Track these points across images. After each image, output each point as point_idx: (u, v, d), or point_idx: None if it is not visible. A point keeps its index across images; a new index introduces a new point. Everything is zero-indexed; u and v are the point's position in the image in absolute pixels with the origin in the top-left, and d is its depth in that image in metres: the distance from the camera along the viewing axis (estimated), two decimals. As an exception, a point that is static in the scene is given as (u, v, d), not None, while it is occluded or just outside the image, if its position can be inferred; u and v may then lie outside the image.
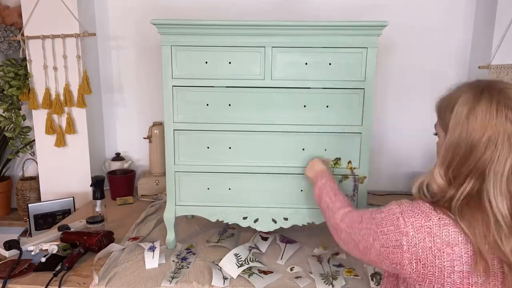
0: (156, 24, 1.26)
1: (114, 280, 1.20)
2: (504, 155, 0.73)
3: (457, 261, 0.75)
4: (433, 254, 0.76)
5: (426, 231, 0.77)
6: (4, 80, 1.89)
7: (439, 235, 0.76)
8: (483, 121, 0.75)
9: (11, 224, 2.06)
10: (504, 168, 0.73)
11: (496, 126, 0.74)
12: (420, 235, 0.77)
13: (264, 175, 1.36)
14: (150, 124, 2.05)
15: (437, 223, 0.77)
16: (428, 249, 0.77)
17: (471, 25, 1.95)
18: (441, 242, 0.76)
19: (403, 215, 0.81)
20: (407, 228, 0.79)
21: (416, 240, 0.78)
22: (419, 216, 0.79)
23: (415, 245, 0.78)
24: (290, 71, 1.30)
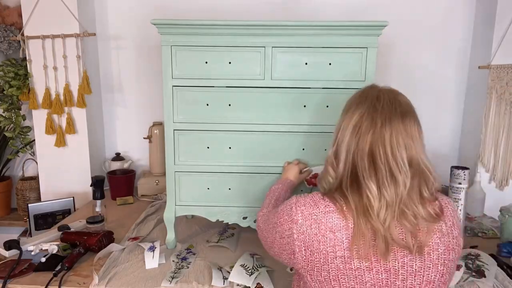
0: (156, 24, 1.26)
1: (114, 280, 1.20)
2: (365, 133, 0.84)
3: (338, 246, 0.81)
4: (318, 240, 0.82)
5: (313, 218, 0.84)
6: (4, 80, 1.89)
7: (324, 222, 0.83)
8: (354, 110, 0.88)
9: (11, 224, 2.06)
10: (365, 145, 0.84)
11: (361, 112, 0.87)
12: (308, 222, 0.84)
13: (264, 175, 1.36)
14: (150, 124, 2.05)
15: (323, 210, 0.84)
16: (314, 235, 0.82)
17: (471, 25, 1.95)
18: (325, 228, 0.82)
19: (296, 204, 0.88)
20: (297, 216, 0.86)
21: (304, 227, 0.84)
22: (308, 205, 0.86)
23: (303, 232, 0.84)
24: (290, 71, 1.30)
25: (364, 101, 0.88)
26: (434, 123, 2.06)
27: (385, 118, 0.84)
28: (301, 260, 0.84)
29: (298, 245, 0.84)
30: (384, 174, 0.82)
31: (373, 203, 0.81)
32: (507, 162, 1.81)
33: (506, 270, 1.23)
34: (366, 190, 0.82)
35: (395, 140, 0.83)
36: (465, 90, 2.01)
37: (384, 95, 0.89)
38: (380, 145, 0.83)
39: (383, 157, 0.82)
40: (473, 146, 1.90)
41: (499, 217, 1.50)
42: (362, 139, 0.84)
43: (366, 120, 0.85)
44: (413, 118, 0.90)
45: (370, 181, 0.82)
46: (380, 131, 0.83)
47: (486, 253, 1.32)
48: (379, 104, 0.86)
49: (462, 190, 1.39)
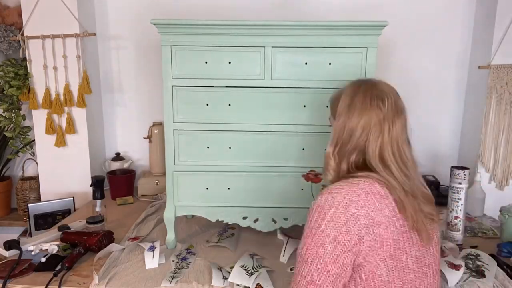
0: (156, 24, 1.26)
1: (114, 280, 1.20)
2: (375, 137, 0.89)
3: (390, 206, 0.85)
4: (379, 208, 0.83)
5: (363, 192, 0.84)
6: (4, 80, 1.89)
7: (374, 191, 0.85)
8: (360, 110, 0.91)
9: (11, 224, 2.06)
10: (376, 145, 0.89)
11: (369, 113, 0.90)
12: (361, 196, 0.83)
13: (264, 175, 1.36)
14: (150, 124, 2.05)
15: (364, 182, 0.86)
16: (374, 206, 0.82)
17: (471, 25, 1.95)
18: (379, 196, 0.84)
19: (332, 193, 0.85)
20: (347, 197, 0.83)
21: (361, 202, 0.82)
22: (346, 187, 0.85)
23: (362, 207, 0.82)
24: (290, 71, 1.30)
25: (370, 103, 0.91)
26: (434, 123, 2.06)
27: (392, 122, 0.90)
28: (370, 239, 0.81)
29: (364, 223, 0.81)
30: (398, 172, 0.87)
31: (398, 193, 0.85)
32: (507, 162, 1.81)
33: (506, 270, 1.23)
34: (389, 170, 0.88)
35: (400, 141, 0.90)
36: (465, 90, 2.01)
37: (385, 95, 0.92)
38: (390, 148, 0.89)
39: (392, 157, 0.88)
40: (473, 146, 1.90)
41: (499, 217, 1.50)
42: (372, 143, 0.89)
43: (375, 124, 0.90)
44: (405, 108, 0.95)
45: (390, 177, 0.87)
46: (389, 135, 0.89)
47: (486, 253, 1.32)
48: (384, 107, 0.90)
49: (462, 190, 1.39)
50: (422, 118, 2.05)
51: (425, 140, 2.07)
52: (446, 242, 1.40)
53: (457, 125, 2.06)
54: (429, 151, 2.09)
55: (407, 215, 0.83)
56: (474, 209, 1.74)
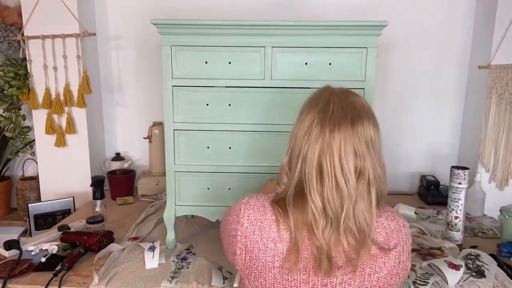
0: (156, 24, 1.26)
1: (114, 280, 1.20)
2: (315, 141, 0.78)
3: (278, 257, 0.79)
4: (259, 248, 0.80)
5: (258, 225, 0.81)
6: (4, 80, 1.89)
7: (268, 230, 0.80)
8: (305, 116, 0.83)
9: (11, 224, 2.06)
10: (314, 154, 0.78)
11: (311, 118, 0.81)
12: (252, 227, 0.81)
13: (264, 175, 1.36)
14: (150, 124, 2.05)
15: (269, 218, 0.81)
16: (255, 242, 0.80)
17: (471, 25, 1.95)
18: (267, 237, 0.80)
19: (245, 206, 0.85)
20: (243, 218, 0.83)
21: (248, 231, 0.82)
22: (257, 210, 0.83)
23: (246, 236, 0.82)
24: (290, 71, 1.30)
25: (315, 106, 0.83)
26: (434, 123, 2.06)
27: (334, 125, 0.78)
28: (241, 263, 0.83)
29: (240, 247, 0.83)
30: (330, 187, 0.76)
31: (318, 219, 0.76)
32: (507, 162, 1.81)
33: (506, 270, 1.23)
34: (312, 205, 0.77)
35: (343, 149, 0.76)
36: (465, 90, 2.01)
37: (335, 98, 0.82)
38: (328, 155, 0.77)
39: (330, 168, 0.76)
40: (473, 146, 1.90)
41: (499, 217, 1.50)
42: (311, 149, 0.78)
43: (316, 127, 0.79)
44: (367, 120, 0.80)
45: (316, 195, 0.77)
46: (329, 139, 0.77)
47: (486, 253, 1.32)
48: (329, 109, 0.80)
49: (462, 190, 1.39)
50: (422, 118, 2.05)
51: (425, 140, 2.08)
52: (446, 242, 1.41)
53: (457, 125, 2.06)
54: (429, 151, 2.09)
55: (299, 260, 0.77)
56: (474, 209, 1.74)
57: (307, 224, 0.78)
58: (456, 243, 1.40)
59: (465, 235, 1.48)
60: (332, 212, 0.76)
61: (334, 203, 0.76)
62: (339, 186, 0.76)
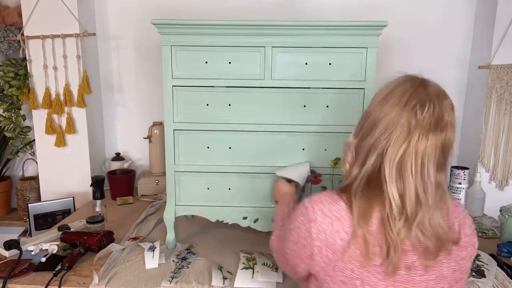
0: (156, 24, 1.26)
1: (114, 280, 1.20)
2: (399, 142, 0.75)
3: (356, 245, 0.76)
4: (340, 237, 0.76)
5: (334, 215, 0.78)
6: (4, 80, 1.89)
7: (346, 219, 0.77)
8: (393, 104, 0.78)
9: (11, 224, 2.06)
10: (397, 154, 0.75)
11: (401, 112, 0.76)
12: (328, 219, 0.78)
13: (264, 175, 1.36)
14: (150, 124, 2.05)
15: (344, 207, 0.78)
16: (336, 233, 0.76)
17: (471, 25, 1.95)
18: (348, 225, 0.76)
19: (311, 203, 0.81)
20: (315, 214, 0.79)
21: (325, 225, 0.77)
22: (326, 202, 0.80)
23: (323, 230, 0.77)
24: (290, 71, 1.30)
25: (406, 101, 0.77)
26: (434, 123, 2.05)
27: (424, 133, 0.75)
28: (321, 261, 0.78)
29: (317, 245, 0.77)
30: (409, 189, 0.75)
31: (395, 215, 0.75)
32: (507, 162, 1.81)
33: (506, 270, 1.23)
34: (392, 201, 0.75)
35: (428, 155, 0.75)
36: (465, 90, 2.01)
37: (430, 102, 0.77)
38: (414, 159, 0.75)
39: (412, 171, 0.75)
40: (473, 146, 1.90)
41: (499, 217, 1.50)
42: (394, 148, 0.75)
43: (402, 127, 0.75)
44: (452, 127, 0.79)
45: (395, 192, 0.75)
46: (415, 146, 0.75)
47: (486, 253, 1.32)
48: (421, 113, 0.75)
49: (462, 190, 1.39)
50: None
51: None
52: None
53: (457, 125, 2.05)
54: (429, 151, 2.08)
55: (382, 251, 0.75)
56: (474, 209, 1.74)
57: (379, 216, 0.76)
58: (456, 243, 1.40)
59: (465, 235, 1.48)
60: (409, 211, 0.75)
61: (411, 204, 0.75)
62: (417, 192, 0.75)
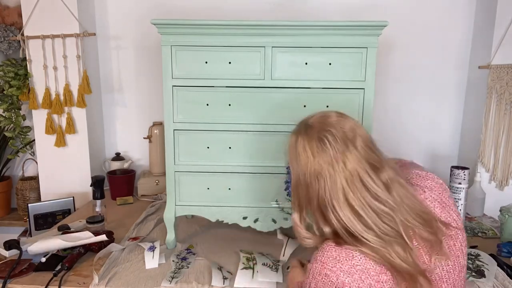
0: (156, 24, 1.26)
1: (114, 280, 1.20)
2: (334, 183, 0.76)
3: (387, 284, 0.74)
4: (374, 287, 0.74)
5: (358, 269, 0.74)
6: (4, 80, 1.89)
7: (370, 268, 0.74)
8: (305, 160, 0.79)
9: (11, 224, 2.06)
10: (340, 195, 0.76)
11: (315, 160, 0.78)
12: (356, 275, 0.73)
13: (264, 175, 1.36)
14: (150, 124, 2.05)
15: (360, 256, 0.75)
16: (368, 285, 0.73)
17: (471, 25, 1.95)
18: (375, 274, 0.74)
19: (327, 266, 0.75)
20: (339, 277, 0.74)
21: (355, 283, 0.73)
22: (342, 259, 0.75)
23: None
24: (290, 71, 1.30)
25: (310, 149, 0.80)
26: (434, 123, 2.06)
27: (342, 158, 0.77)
28: None
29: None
30: (370, 216, 0.75)
31: (384, 249, 0.74)
32: (507, 162, 1.81)
33: (506, 270, 1.23)
34: (370, 244, 0.75)
35: (361, 173, 0.77)
36: (465, 90, 2.01)
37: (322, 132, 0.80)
38: (351, 189, 0.76)
39: (359, 200, 0.76)
40: (473, 146, 1.90)
41: (499, 217, 1.50)
42: (333, 191, 0.77)
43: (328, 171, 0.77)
44: (359, 129, 0.81)
45: (366, 234, 0.75)
46: (344, 171, 0.76)
47: (486, 253, 1.32)
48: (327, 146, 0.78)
49: (462, 190, 1.39)
50: (422, 118, 2.05)
51: (425, 140, 2.07)
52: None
53: (457, 125, 2.06)
54: (429, 151, 2.09)
55: None
56: (474, 209, 1.74)
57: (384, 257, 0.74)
58: (456, 243, 1.40)
59: (465, 235, 1.48)
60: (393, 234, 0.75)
61: (385, 227, 0.75)
62: (376, 209, 0.75)
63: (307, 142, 0.81)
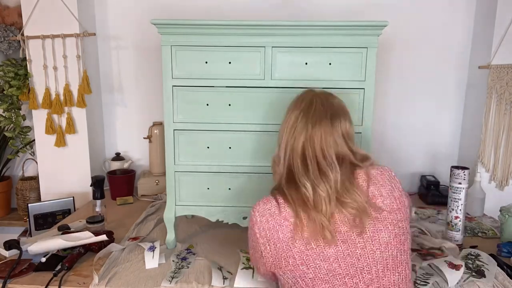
0: (156, 24, 1.26)
1: (114, 280, 1.20)
2: (299, 134, 0.95)
3: (293, 231, 0.88)
4: (276, 229, 0.89)
5: (268, 212, 0.91)
6: (4, 80, 1.89)
7: (277, 213, 0.90)
8: (292, 113, 1.00)
9: (11, 224, 2.06)
10: (298, 147, 0.94)
11: (295, 112, 0.99)
12: (264, 217, 0.91)
13: (264, 175, 1.36)
14: (150, 124, 2.05)
15: (275, 204, 0.92)
16: (272, 227, 0.89)
17: (471, 25, 1.95)
18: (280, 218, 0.90)
19: (254, 208, 0.95)
20: (255, 217, 0.93)
21: (263, 223, 0.91)
22: (262, 203, 0.94)
23: (263, 228, 0.90)
24: (290, 71, 1.30)
25: (300, 105, 0.99)
26: (434, 123, 2.06)
27: (316, 121, 0.94)
28: (269, 256, 0.90)
29: (262, 242, 0.90)
30: (315, 172, 0.91)
31: (310, 198, 0.88)
32: (507, 162, 1.81)
33: (506, 270, 1.23)
34: (303, 188, 0.90)
35: (324, 140, 0.93)
36: (465, 90, 2.01)
37: (317, 99, 0.99)
38: (310, 145, 0.93)
39: (312, 156, 0.92)
40: (473, 146, 1.90)
41: (499, 217, 1.50)
42: (297, 141, 0.94)
43: (300, 122, 0.95)
44: (344, 117, 0.98)
45: (304, 179, 0.91)
46: (312, 132, 0.93)
47: (486, 253, 1.32)
48: (312, 108, 0.97)
49: (462, 190, 1.39)
50: (422, 118, 2.05)
51: (425, 140, 2.07)
52: (446, 242, 1.41)
53: (457, 125, 2.06)
54: (429, 151, 2.09)
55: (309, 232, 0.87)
56: (474, 209, 1.74)
57: (302, 202, 0.89)
58: (456, 243, 1.40)
59: (465, 235, 1.48)
60: (322, 192, 0.88)
61: (322, 185, 0.89)
62: (322, 170, 0.91)
63: (303, 98, 1.02)
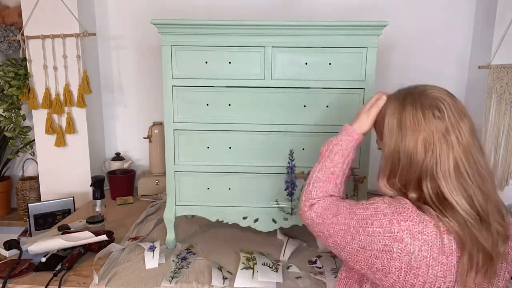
0: (156, 24, 1.26)
1: (114, 280, 1.20)
2: (444, 152, 0.75)
3: (449, 271, 0.72)
4: (428, 264, 0.71)
5: (424, 238, 0.72)
6: (4, 80, 1.89)
7: (436, 244, 0.72)
8: (413, 127, 0.77)
9: (11, 224, 2.06)
10: (449, 165, 0.75)
11: (427, 128, 0.76)
12: (417, 242, 0.72)
13: (264, 175, 1.36)
14: (150, 124, 2.05)
15: (433, 231, 0.73)
16: (423, 258, 0.71)
17: (471, 25, 1.95)
18: (438, 252, 0.72)
19: (396, 216, 0.75)
20: (401, 233, 0.73)
21: (412, 248, 0.72)
22: (415, 221, 0.73)
23: (408, 253, 0.72)
24: (290, 71, 1.30)
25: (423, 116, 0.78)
26: (434, 123, 2.05)
27: (458, 129, 0.77)
28: (396, 280, 0.73)
29: (397, 266, 0.72)
30: (474, 185, 0.75)
31: (472, 220, 0.72)
32: (507, 162, 1.81)
33: (507, 270, 1.22)
34: (458, 208, 0.73)
35: (473, 150, 0.77)
36: (465, 90, 2.01)
37: (443, 101, 0.79)
38: (466, 162, 0.75)
39: (469, 173, 0.75)
40: (473, 146, 1.90)
41: (499, 217, 1.50)
42: (444, 163, 0.75)
43: (439, 140, 0.76)
44: (468, 113, 0.82)
45: (459, 197, 0.73)
46: (459, 146, 0.76)
47: (486, 253, 1.32)
48: (444, 115, 0.78)
49: (462, 190, 1.38)
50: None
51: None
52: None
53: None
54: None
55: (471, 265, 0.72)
56: (474, 209, 1.74)
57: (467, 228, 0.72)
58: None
59: (465, 235, 1.48)
60: (481, 210, 0.74)
61: (479, 201, 0.74)
62: (484, 181, 0.75)
63: (419, 108, 0.79)
